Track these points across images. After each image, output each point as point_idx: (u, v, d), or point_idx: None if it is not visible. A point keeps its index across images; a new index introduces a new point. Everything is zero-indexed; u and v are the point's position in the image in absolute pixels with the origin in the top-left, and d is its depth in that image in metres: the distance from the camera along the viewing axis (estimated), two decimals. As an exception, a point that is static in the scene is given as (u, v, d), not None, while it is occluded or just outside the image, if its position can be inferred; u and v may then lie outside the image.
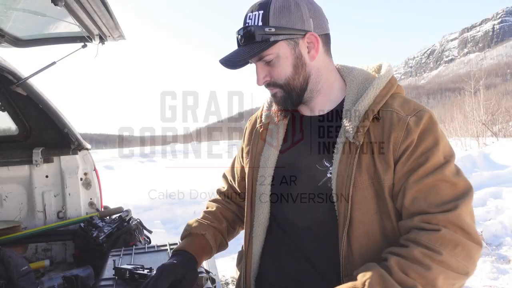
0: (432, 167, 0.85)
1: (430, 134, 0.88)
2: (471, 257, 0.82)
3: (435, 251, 0.79)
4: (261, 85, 0.99)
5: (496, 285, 2.98)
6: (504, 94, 51.26)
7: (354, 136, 0.90)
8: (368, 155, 0.89)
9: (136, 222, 2.51)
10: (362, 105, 0.91)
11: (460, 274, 0.81)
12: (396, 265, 0.79)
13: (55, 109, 2.52)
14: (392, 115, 0.90)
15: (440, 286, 0.78)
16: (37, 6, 1.91)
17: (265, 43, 0.91)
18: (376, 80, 0.95)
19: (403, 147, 0.87)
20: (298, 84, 0.97)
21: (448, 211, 0.82)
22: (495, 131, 19.30)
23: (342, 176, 0.90)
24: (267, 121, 1.12)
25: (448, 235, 0.80)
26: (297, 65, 0.95)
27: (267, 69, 0.97)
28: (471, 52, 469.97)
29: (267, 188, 1.06)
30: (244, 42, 0.94)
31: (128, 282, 1.25)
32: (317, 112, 1.03)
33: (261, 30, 0.91)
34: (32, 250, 2.54)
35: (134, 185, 8.98)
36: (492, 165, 9.18)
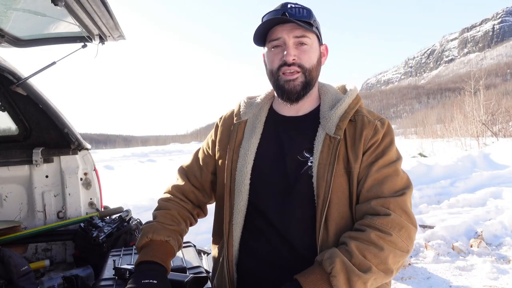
0: (388, 161, 1.06)
1: (389, 136, 1.10)
2: (411, 238, 1.00)
3: (386, 233, 0.96)
4: (291, 60, 1.07)
5: (496, 285, 2.98)
6: (504, 94, 51.29)
7: (335, 132, 1.07)
8: (343, 148, 1.07)
9: (136, 222, 2.51)
10: (340, 109, 1.11)
11: (404, 252, 0.97)
12: (355, 249, 0.94)
13: (55, 109, 2.52)
14: (363, 118, 1.11)
15: (390, 263, 0.94)
16: (37, 6, 1.91)
17: (311, 26, 1.09)
18: (349, 92, 1.17)
19: (371, 142, 1.07)
20: (315, 76, 1.13)
21: (397, 197, 1.01)
22: (495, 131, 19.27)
23: (323, 164, 1.05)
24: (245, 117, 1.22)
25: (396, 219, 0.97)
26: (318, 61, 1.14)
27: (297, 51, 1.08)
28: (471, 52, 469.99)
29: (246, 177, 1.13)
30: (294, 16, 1.06)
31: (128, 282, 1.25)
32: (301, 113, 1.18)
33: (312, 17, 1.10)
34: (32, 250, 2.54)
35: (134, 185, 8.99)
36: (492, 165, 9.18)
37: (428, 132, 28.51)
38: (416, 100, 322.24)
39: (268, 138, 1.17)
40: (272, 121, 1.20)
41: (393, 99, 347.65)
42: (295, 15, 1.06)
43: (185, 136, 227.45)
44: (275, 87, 1.15)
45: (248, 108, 1.24)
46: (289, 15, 1.05)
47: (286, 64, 1.07)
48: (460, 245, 3.76)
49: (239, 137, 1.20)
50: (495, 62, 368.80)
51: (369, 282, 0.92)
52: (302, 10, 1.07)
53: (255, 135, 1.17)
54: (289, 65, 1.07)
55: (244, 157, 1.14)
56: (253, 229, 1.14)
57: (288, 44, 1.07)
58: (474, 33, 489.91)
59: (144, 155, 29.13)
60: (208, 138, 1.33)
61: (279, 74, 1.10)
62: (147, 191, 7.02)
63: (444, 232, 4.01)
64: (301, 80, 1.09)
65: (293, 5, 1.08)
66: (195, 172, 1.29)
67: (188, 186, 1.28)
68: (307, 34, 1.08)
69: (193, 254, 1.59)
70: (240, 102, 1.28)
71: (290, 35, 1.07)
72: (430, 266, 3.44)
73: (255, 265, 1.12)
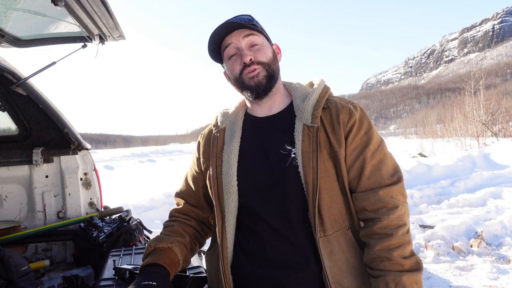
0: (376, 144, 1.13)
1: (365, 119, 1.16)
2: (408, 214, 1.11)
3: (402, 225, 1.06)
4: (247, 61, 1.14)
5: (496, 285, 2.98)
6: (504, 94, 51.24)
7: (312, 121, 1.13)
8: (323, 134, 1.12)
9: (136, 222, 2.51)
10: (312, 100, 1.17)
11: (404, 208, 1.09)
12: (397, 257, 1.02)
13: (55, 109, 2.52)
14: (336, 104, 1.17)
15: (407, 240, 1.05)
16: (37, 6, 1.91)
17: (257, 27, 1.16)
18: (317, 84, 1.24)
19: (349, 125, 1.13)
20: (275, 69, 1.19)
21: (396, 183, 1.09)
22: (495, 131, 19.26)
23: (307, 152, 1.09)
24: (223, 125, 1.27)
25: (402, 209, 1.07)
26: (274, 56, 1.20)
27: (252, 52, 1.15)
28: (471, 52, 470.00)
29: (233, 179, 1.16)
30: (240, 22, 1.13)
31: (128, 282, 1.25)
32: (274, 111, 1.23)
33: (255, 20, 1.18)
34: (32, 250, 2.54)
35: (134, 185, 8.99)
36: (492, 165, 9.18)
37: (428, 132, 28.51)
38: (416, 100, 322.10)
39: (248, 139, 1.22)
40: (249, 123, 1.25)
41: (393, 99, 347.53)
42: (246, 20, 1.16)
43: (185, 136, 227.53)
44: (243, 89, 1.19)
45: (224, 117, 1.30)
46: (231, 24, 1.14)
47: (246, 65, 1.14)
48: (460, 245, 3.76)
49: (220, 143, 1.24)
50: (495, 62, 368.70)
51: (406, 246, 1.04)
52: (243, 18, 1.17)
53: (235, 138, 1.22)
54: (248, 65, 1.14)
55: (228, 160, 1.18)
56: (246, 229, 1.15)
57: (241, 47, 1.15)
58: (474, 33, 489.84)
59: (144, 155, 29.13)
60: (193, 157, 1.38)
61: (242, 77, 1.16)
62: (147, 191, 7.02)
63: (444, 232, 4.01)
64: (263, 74, 1.15)
65: (235, 16, 1.18)
66: (189, 191, 1.33)
67: (186, 206, 1.32)
68: (254, 33, 1.16)
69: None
70: (217, 114, 1.34)
71: (240, 38, 1.15)
72: (430, 266, 3.44)
73: (250, 264, 1.13)
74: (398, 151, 18.03)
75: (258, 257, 1.12)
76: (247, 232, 1.15)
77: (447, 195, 6.28)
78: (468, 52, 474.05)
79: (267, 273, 1.09)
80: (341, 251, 1.06)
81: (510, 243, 3.87)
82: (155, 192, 6.39)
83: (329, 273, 1.03)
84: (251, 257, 1.13)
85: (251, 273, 1.12)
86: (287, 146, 1.13)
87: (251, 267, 1.12)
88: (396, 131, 71.62)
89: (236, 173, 1.16)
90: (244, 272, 1.14)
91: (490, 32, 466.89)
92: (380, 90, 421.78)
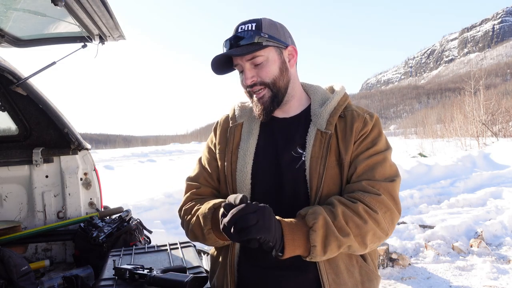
0: (379, 150, 1.12)
1: (377, 127, 1.16)
2: (393, 222, 1.04)
3: (373, 210, 1.00)
4: (248, 84, 1.13)
5: (496, 285, 2.98)
6: (504, 94, 51.20)
7: (326, 127, 1.13)
8: (335, 141, 1.13)
9: (136, 222, 2.50)
10: (330, 106, 1.17)
11: (383, 234, 1.02)
12: (341, 213, 0.98)
13: (55, 109, 2.52)
14: (352, 113, 1.17)
15: (368, 239, 0.98)
16: (37, 6, 1.91)
17: (259, 45, 1.10)
18: (337, 91, 1.23)
19: (361, 133, 1.13)
20: (282, 85, 1.16)
21: (387, 182, 1.06)
22: (495, 131, 19.25)
23: (316, 157, 1.10)
24: (241, 120, 1.27)
25: (384, 200, 1.02)
26: (282, 68, 1.15)
27: (255, 71, 1.13)
28: (471, 52, 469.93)
29: (247, 177, 1.17)
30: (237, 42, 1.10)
31: (128, 282, 1.25)
32: (291, 114, 1.22)
33: (258, 34, 1.10)
34: (32, 250, 2.54)
35: (134, 185, 8.99)
36: (492, 165, 9.18)
37: (428, 132, 28.52)
38: (416, 100, 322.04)
39: (264, 139, 1.22)
40: (267, 122, 1.24)
41: (393, 99, 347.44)
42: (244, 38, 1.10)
43: (185, 136, 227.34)
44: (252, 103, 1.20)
45: (242, 112, 1.29)
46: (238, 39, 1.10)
47: (249, 86, 1.14)
48: (460, 245, 3.76)
49: (237, 139, 1.24)
50: (495, 62, 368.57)
51: (343, 246, 0.96)
52: (249, 32, 1.10)
53: (252, 136, 1.22)
54: (251, 86, 1.14)
55: (243, 158, 1.19)
56: None
57: (244, 68, 1.13)
58: (474, 33, 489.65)
59: (144, 155, 29.13)
60: (208, 143, 1.36)
61: (251, 95, 1.17)
62: (147, 191, 7.02)
63: (444, 232, 4.01)
64: (268, 96, 1.15)
65: (244, 27, 1.12)
66: (205, 175, 1.29)
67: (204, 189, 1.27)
68: (257, 54, 1.10)
69: (193, 254, 1.59)
70: (234, 107, 1.33)
71: (244, 60, 1.12)
72: (430, 266, 3.44)
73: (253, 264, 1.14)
74: (398, 151, 18.03)
75: (260, 257, 1.13)
76: None
77: (447, 195, 6.28)
78: (468, 52, 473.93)
79: (269, 274, 1.10)
80: (340, 258, 1.07)
81: (510, 243, 3.87)
82: (155, 192, 6.39)
83: (325, 279, 1.04)
84: (254, 257, 1.14)
85: (253, 273, 1.13)
86: (299, 149, 1.14)
87: (254, 267, 1.13)
88: (396, 131, 71.62)
89: (250, 171, 1.17)
90: (247, 272, 1.15)
91: (490, 32, 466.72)
92: (380, 90, 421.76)
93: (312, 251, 0.94)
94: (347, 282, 1.06)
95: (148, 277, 1.19)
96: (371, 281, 1.10)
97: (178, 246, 1.69)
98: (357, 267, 1.09)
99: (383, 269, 3.37)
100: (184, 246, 1.69)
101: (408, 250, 3.77)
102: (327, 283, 1.04)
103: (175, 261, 1.49)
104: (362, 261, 1.10)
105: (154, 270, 1.24)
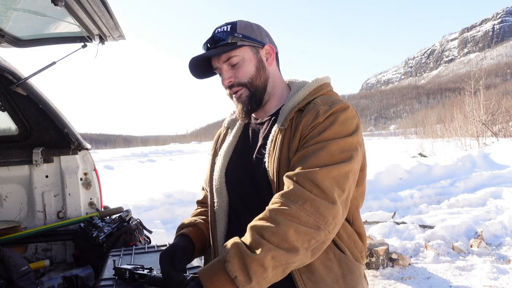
0: (321, 140, 1.00)
1: (332, 118, 1.03)
2: (321, 213, 0.90)
3: (284, 206, 0.91)
4: (226, 86, 1.16)
5: (496, 285, 2.98)
6: (504, 94, 51.19)
7: (282, 124, 1.10)
8: (287, 139, 1.07)
9: (136, 222, 2.51)
10: (292, 102, 1.13)
11: (311, 229, 0.89)
12: (253, 231, 0.91)
13: (55, 109, 2.52)
14: (310, 106, 1.09)
15: (292, 239, 0.87)
16: (37, 6, 1.91)
17: (234, 45, 1.12)
18: (308, 84, 1.17)
19: (310, 126, 1.04)
20: (260, 83, 1.16)
21: (309, 169, 0.95)
22: (495, 131, 19.25)
23: (271, 156, 1.08)
24: (228, 125, 1.34)
25: (298, 191, 0.92)
26: (259, 67, 1.16)
27: (232, 71, 1.15)
28: (471, 52, 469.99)
29: (222, 177, 1.21)
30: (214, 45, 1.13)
31: (128, 282, 1.25)
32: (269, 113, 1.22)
33: (231, 34, 1.12)
34: (32, 250, 2.54)
35: (134, 185, 8.99)
36: (492, 165, 9.18)
37: (428, 132, 28.51)
38: (416, 100, 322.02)
39: (241, 141, 1.26)
40: (247, 125, 1.29)
41: (393, 99, 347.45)
42: (219, 40, 1.13)
43: (185, 136, 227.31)
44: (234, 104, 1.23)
45: (231, 117, 1.35)
46: (214, 42, 1.13)
47: (228, 87, 1.17)
48: (460, 245, 3.76)
49: (220, 143, 1.33)
50: (495, 62, 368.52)
51: (266, 262, 0.85)
52: (221, 34, 1.13)
53: (232, 139, 1.27)
54: (229, 87, 1.16)
55: (220, 159, 1.25)
56: (235, 226, 1.19)
57: (222, 69, 1.15)
58: (474, 33, 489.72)
59: (144, 155, 29.13)
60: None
61: (231, 96, 1.20)
62: (147, 191, 7.02)
63: (444, 232, 4.01)
64: (246, 95, 1.16)
65: (219, 29, 1.15)
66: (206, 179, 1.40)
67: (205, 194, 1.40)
68: (232, 54, 1.13)
69: (193, 254, 1.59)
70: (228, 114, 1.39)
71: (221, 62, 1.15)
72: (430, 266, 3.44)
73: None
74: (398, 151, 18.03)
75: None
76: (235, 229, 1.18)
77: (447, 195, 6.28)
78: (468, 52, 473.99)
79: None
80: None
81: (510, 243, 3.87)
82: (155, 192, 6.39)
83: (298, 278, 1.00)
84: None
85: None
86: (263, 150, 1.14)
87: None
88: (396, 131, 71.59)
89: (224, 171, 1.22)
90: None
91: (490, 32, 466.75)
92: (380, 90, 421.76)
93: (236, 282, 0.85)
94: (325, 278, 1.01)
95: (148, 277, 1.19)
96: (353, 272, 1.06)
97: (178, 246, 1.69)
98: (335, 261, 1.04)
99: (383, 269, 3.37)
100: (184, 246, 1.69)
101: (408, 250, 3.77)
102: (300, 282, 1.00)
103: (175, 261, 1.49)
104: (340, 253, 1.05)
105: (154, 270, 1.24)
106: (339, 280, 1.03)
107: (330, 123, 1.02)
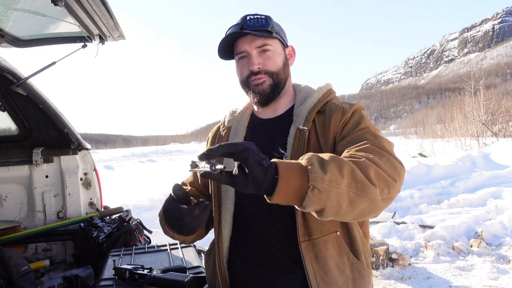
0: (360, 128, 1.05)
1: (358, 113, 1.12)
2: (397, 169, 0.91)
3: (366, 152, 0.91)
4: (255, 70, 1.14)
5: (496, 285, 2.98)
6: (504, 94, 51.17)
7: (303, 124, 1.12)
8: (314, 138, 1.11)
9: (136, 222, 2.51)
10: (308, 103, 1.17)
11: (390, 177, 0.87)
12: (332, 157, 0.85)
13: (55, 109, 2.52)
14: (331, 106, 1.15)
15: (372, 176, 0.83)
16: (37, 6, 1.91)
17: (271, 34, 1.14)
18: (319, 88, 1.22)
19: (341, 122, 1.10)
20: (283, 78, 1.19)
21: (372, 140, 0.98)
22: (495, 131, 19.24)
23: (295, 157, 1.06)
24: (229, 125, 1.31)
25: (375, 147, 0.94)
26: (285, 63, 1.20)
27: (261, 59, 1.15)
28: (471, 52, 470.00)
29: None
30: (252, 27, 1.12)
31: (128, 282, 1.25)
32: (278, 113, 1.23)
33: (270, 24, 1.14)
34: (32, 250, 2.54)
35: (134, 185, 8.99)
36: (492, 165, 9.17)
37: (428, 132, 28.49)
38: (416, 100, 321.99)
39: (249, 140, 1.23)
40: (253, 124, 1.28)
41: (393, 99, 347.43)
42: (253, 26, 1.13)
43: (185, 136, 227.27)
44: (248, 93, 1.22)
45: (231, 117, 1.33)
46: (248, 27, 1.12)
47: (253, 73, 1.15)
48: (460, 245, 3.76)
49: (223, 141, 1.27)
50: (495, 62, 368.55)
51: (344, 170, 0.80)
52: (260, 20, 1.14)
53: (237, 138, 1.25)
54: (256, 73, 1.15)
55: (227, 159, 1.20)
56: (241, 227, 1.17)
57: (251, 54, 1.15)
58: (474, 33, 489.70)
59: (144, 155, 29.12)
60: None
61: (249, 82, 1.18)
62: (147, 191, 7.02)
63: (444, 232, 4.01)
64: (269, 83, 1.16)
65: (252, 17, 1.15)
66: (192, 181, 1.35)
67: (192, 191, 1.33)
68: (268, 42, 1.14)
69: (193, 254, 1.59)
70: (226, 114, 1.37)
71: (252, 46, 1.14)
72: (430, 266, 3.44)
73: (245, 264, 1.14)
74: (398, 151, 17.99)
75: (252, 257, 1.13)
76: (242, 231, 1.17)
77: (447, 195, 6.28)
78: (468, 52, 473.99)
79: (261, 273, 1.11)
80: (329, 256, 1.04)
81: (510, 243, 3.87)
82: (155, 192, 6.38)
83: (312, 278, 1.02)
84: (245, 256, 1.15)
85: (245, 272, 1.14)
86: (280, 149, 1.14)
87: (246, 266, 1.14)
88: (396, 131, 71.58)
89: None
90: (238, 271, 1.15)
91: (490, 32, 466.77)
92: (380, 90, 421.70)
93: (311, 171, 0.78)
94: (337, 280, 1.04)
95: (148, 277, 1.19)
96: (363, 278, 1.09)
97: (178, 246, 1.69)
98: (348, 265, 1.06)
99: (383, 269, 3.37)
100: (184, 246, 1.69)
101: (408, 250, 3.77)
102: (314, 282, 1.02)
103: (175, 261, 1.49)
104: (353, 258, 1.08)
105: (154, 270, 1.24)
106: (349, 284, 1.05)
107: (360, 116, 1.10)
